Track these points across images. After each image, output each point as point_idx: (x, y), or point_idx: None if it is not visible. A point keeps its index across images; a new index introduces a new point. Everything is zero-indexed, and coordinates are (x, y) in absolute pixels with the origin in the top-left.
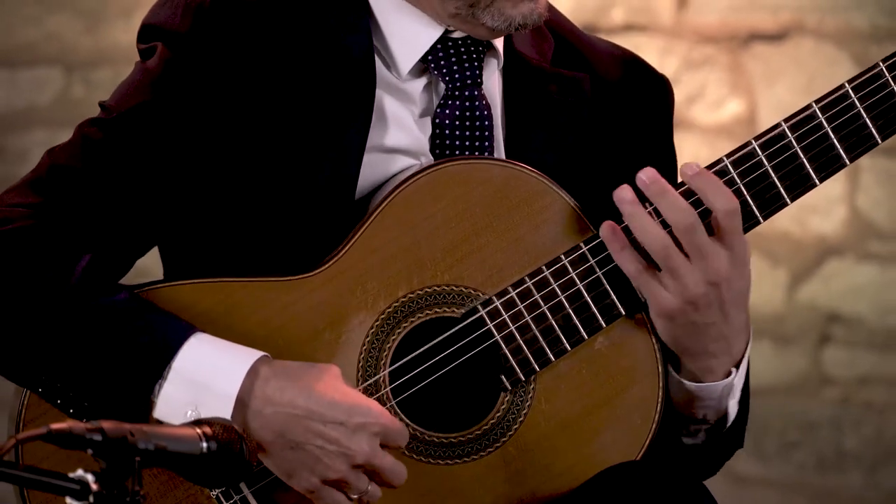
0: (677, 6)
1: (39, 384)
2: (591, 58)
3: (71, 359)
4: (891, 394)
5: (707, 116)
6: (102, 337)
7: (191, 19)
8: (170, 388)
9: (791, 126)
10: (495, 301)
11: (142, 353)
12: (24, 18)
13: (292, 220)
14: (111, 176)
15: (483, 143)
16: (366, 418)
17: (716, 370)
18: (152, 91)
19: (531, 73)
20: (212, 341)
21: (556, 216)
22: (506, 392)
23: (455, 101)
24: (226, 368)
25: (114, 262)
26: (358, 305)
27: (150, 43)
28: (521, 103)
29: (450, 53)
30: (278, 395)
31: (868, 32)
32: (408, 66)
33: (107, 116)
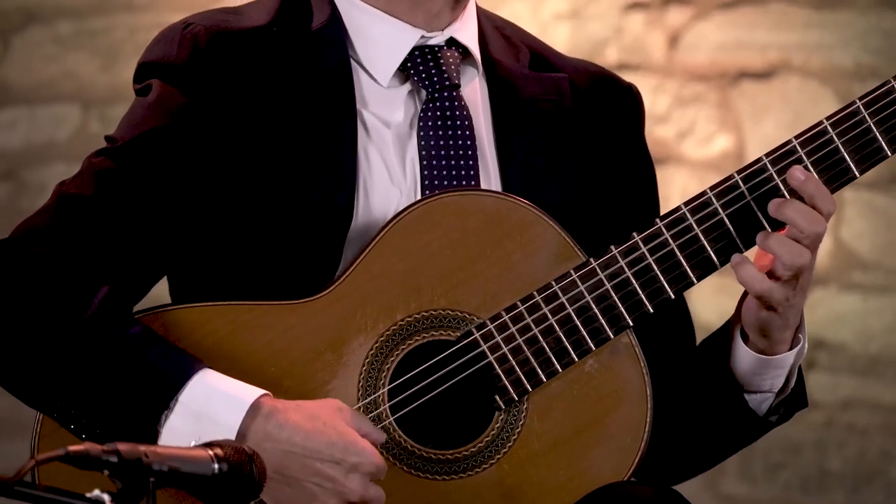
0: (669, 46)
1: (54, 409)
2: (564, 67)
3: (85, 387)
4: (872, 417)
5: (697, 151)
6: (115, 367)
7: (188, 50)
8: (175, 420)
9: (772, 160)
10: (489, 325)
11: (151, 385)
12: (43, 58)
13: (294, 237)
14: (121, 201)
15: (466, 143)
16: (360, 458)
17: (786, 340)
18: (157, 119)
19: (512, 78)
20: (218, 377)
21: (547, 245)
22: (500, 411)
23: (436, 104)
24: (229, 403)
25: (128, 288)
26: (358, 328)
27: (147, 81)
28: (507, 108)
29: (427, 59)
30: (277, 431)
31: (852, 71)
32: (388, 74)
33: (113, 146)
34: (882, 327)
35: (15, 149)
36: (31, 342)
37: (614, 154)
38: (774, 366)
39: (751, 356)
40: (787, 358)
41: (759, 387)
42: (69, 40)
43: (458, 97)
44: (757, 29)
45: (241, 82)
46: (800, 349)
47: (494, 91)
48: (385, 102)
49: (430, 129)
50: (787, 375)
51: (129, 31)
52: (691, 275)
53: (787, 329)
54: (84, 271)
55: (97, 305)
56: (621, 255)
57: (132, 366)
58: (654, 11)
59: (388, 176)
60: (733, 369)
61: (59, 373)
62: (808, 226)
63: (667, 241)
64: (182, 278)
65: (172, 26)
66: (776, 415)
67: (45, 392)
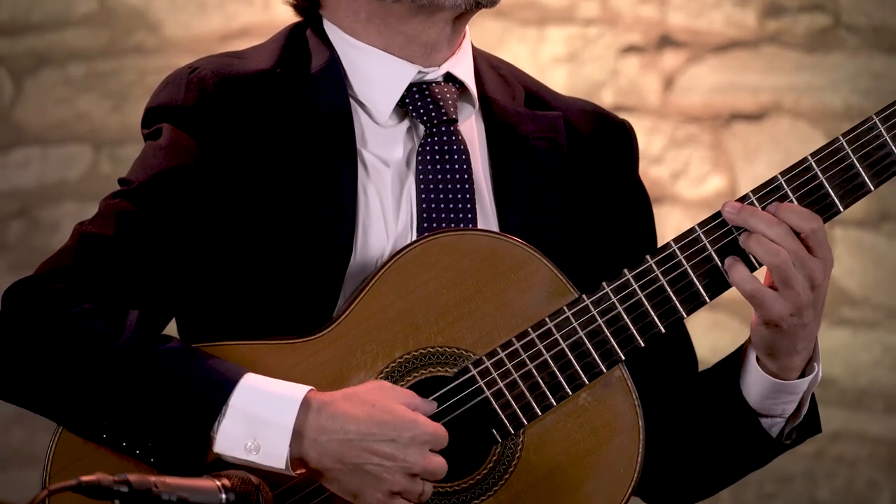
0: (663, 88)
1: (103, 430)
2: (558, 105)
3: (133, 405)
4: (861, 448)
5: (690, 191)
6: (162, 383)
7: (195, 93)
8: (228, 424)
9: (758, 197)
10: (485, 361)
11: (200, 393)
12: (55, 100)
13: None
14: (139, 239)
15: (462, 179)
16: (414, 431)
17: (797, 367)
18: (168, 160)
19: (508, 116)
20: (263, 380)
21: (541, 282)
22: (497, 444)
23: (434, 139)
24: (280, 403)
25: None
26: (358, 365)
27: (155, 125)
28: (503, 145)
29: (424, 94)
30: (330, 423)
31: (842, 112)
32: (387, 112)
33: (129, 188)
34: (870, 361)
35: (28, 187)
36: (73, 371)
37: (609, 189)
38: (787, 391)
39: (763, 379)
40: (799, 385)
41: (770, 411)
42: (80, 82)
43: (455, 132)
44: (749, 72)
45: (246, 125)
46: (813, 377)
47: (490, 128)
48: (384, 140)
49: (427, 166)
50: (800, 402)
51: (138, 73)
52: (681, 309)
53: (794, 354)
54: (111, 301)
55: (133, 328)
56: (613, 291)
57: (179, 378)
58: (649, 55)
59: (386, 214)
60: (744, 393)
61: (106, 397)
62: (768, 228)
63: (657, 277)
64: (190, 314)
65: (178, 71)
66: (789, 439)
67: (91, 417)
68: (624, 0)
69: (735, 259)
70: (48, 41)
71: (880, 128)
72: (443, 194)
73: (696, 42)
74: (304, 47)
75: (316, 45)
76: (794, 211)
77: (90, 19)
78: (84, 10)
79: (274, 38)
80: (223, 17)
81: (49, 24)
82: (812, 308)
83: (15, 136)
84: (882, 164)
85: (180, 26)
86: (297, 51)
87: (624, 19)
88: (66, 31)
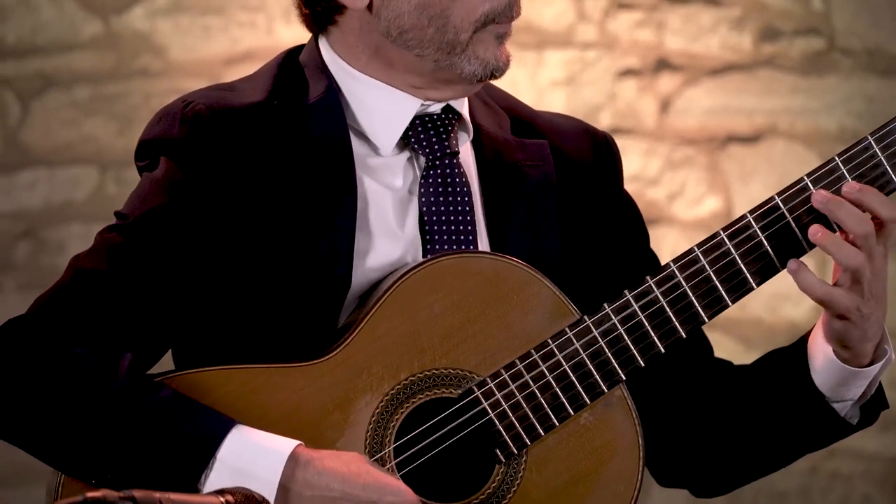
0: (660, 111)
1: (92, 475)
2: (542, 127)
3: (122, 453)
4: (855, 464)
5: (687, 212)
6: (152, 432)
7: (188, 127)
8: (215, 477)
9: (755, 217)
10: (489, 382)
11: (189, 445)
12: (62, 122)
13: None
14: (133, 275)
15: (464, 209)
16: (395, 497)
17: (869, 353)
18: (163, 195)
19: (498, 144)
20: (252, 432)
21: (543, 304)
22: (500, 464)
23: (436, 171)
24: (267, 457)
25: (144, 356)
26: (364, 388)
27: (149, 158)
28: (495, 173)
29: (427, 128)
30: (316, 479)
31: (835, 134)
32: (391, 144)
33: (124, 222)
34: None
35: (35, 208)
36: (64, 414)
37: (598, 207)
38: (861, 377)
39: (839, 368)
40: (873, 370)
41: (842, 396)
42: (86, 105)
43: (457, 164)
44: (744, 95)
45: (241, 158)
46: (886, 360)
47: (481, 156)
48: (385, 170)
49: (431, 195)
50: (867, 386)
51: (144, 96)
52: (680, 329)
53: (866, 341)
54: (104, 342)
55: (125, 373)
56: (614, 312)
57: (168, 429)
58: (645, 78)
59: (386, 242)
60: (815, 380)
61: (95, 443)
62: (856, 226)
63: (657, 297)
64: (186, 345)
65: (172, 105)
66: (855, 419)
67: (80, 461)
68: (621, 24)
69: (799, 264)
70: (54, 64)
71: (875, 148)
72: (445, 224)
73: (693, 65)
74: (299, 76)
75: (313, 74)
76: (875, 195)
77: (96, 43)
78: (90, 34)
79: (266, 67)
80: (227, 41)
81: (55, 47)
82: (878, 300)
83: (22, 158)
84: (877, 183)
85: (185, 50)
86: (291, 80)
87: (621, 43)
88: (72, 54)
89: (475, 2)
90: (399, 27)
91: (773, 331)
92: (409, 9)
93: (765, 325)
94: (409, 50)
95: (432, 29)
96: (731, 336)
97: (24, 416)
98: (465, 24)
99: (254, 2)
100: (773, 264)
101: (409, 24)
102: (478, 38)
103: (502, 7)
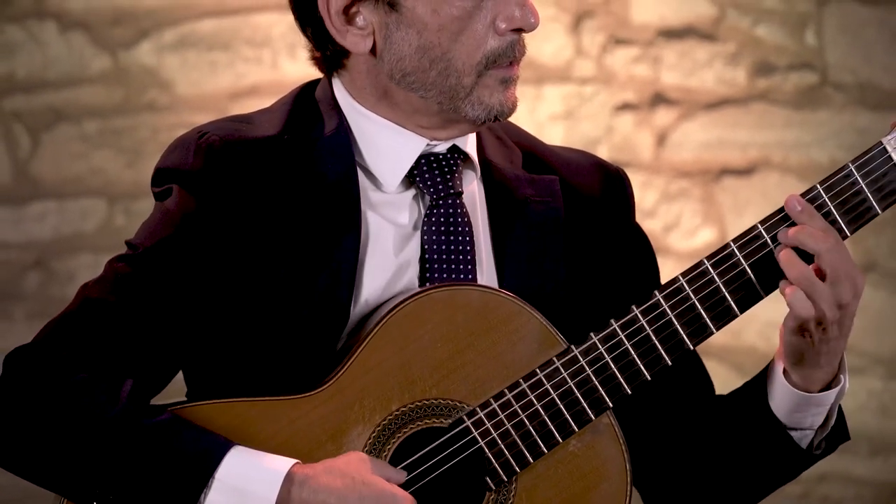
0: (656, 144)
1: (94, 498)
2: (554, 162)
3: (124, 476)
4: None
5: (682, 243)
6: (152, 455)
7: (202, 158)
8: (214, 496)
9: (739, 245)
10: (479, 412)
11: (188, 466)
12: (72, 155)
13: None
14: (142, 306)
15: (466, 248)
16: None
17: (820, 380)
18: (173, 226)
19: (507, 180)
20: (250, 452)
21: (531, 334)
22: (490, 491)
23: (440, 210)
24: (264, 477)
25: (148, 384)
26: (356, 419)
27: (165, 185)
28: (503, 208)
29: (432, 167)
30: (312, 497)
31: (828, 167)
32: (395, 181)
33: (134, 252)
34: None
35: (45, 239)
36: (66, 440)
37: (608, 240)
38: (814, 403)
39: (790, 392)
40: (826, 397)
41: (799, 424)
42: (95, 138)
43: (460, 204)
44: (738, 128)
45: (251, 190)
46: (840, 388)
47: (490, 192)
48: (390, 206)
49: (433, 233)
50: (828, 414)
51: (151, 130)
52: (666, 357)
53: (818, 368)
54: (108, 369)
55: (125, 399)
56: (601, 341)
57: (168, 451)
58: (642, 112)
59: (386, 277)
60: (773, 408)
61: (97, 466)
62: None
63: (643, 326)
64: (195, 372)
65: (188, 134)
66: (819, 450)
67: (82, 485)
68: (618, 60)
69: (787, 249)
70: (64, 98)
71: (856, 175)
72: (446, 261)
73: (688, 100)
74: (313, 111)
75: (327, 110)
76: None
77: (105, 77)
78: (99, 69)
79: (281, 101)
80: (233, 76)
81: (65, 82)
82: (838, 326)
83: (32, 190)
84: (859, 210)
85: (191, 85)
86: (305, 115)
87: (618, 78)
88: (81, 88)
89: (476, 42)
90: (402, 70)
91: (766, 359)
92: (411, 52)
93: (759, 354)
94: (414, 92)
95: (434, 72)
96: (725, 364)
97: (27, 442)
98: (466, 68)
99: (259, 38)
100: (756, 291)
101: (411, 67)
102: (482, 82)
103: (504, 47)
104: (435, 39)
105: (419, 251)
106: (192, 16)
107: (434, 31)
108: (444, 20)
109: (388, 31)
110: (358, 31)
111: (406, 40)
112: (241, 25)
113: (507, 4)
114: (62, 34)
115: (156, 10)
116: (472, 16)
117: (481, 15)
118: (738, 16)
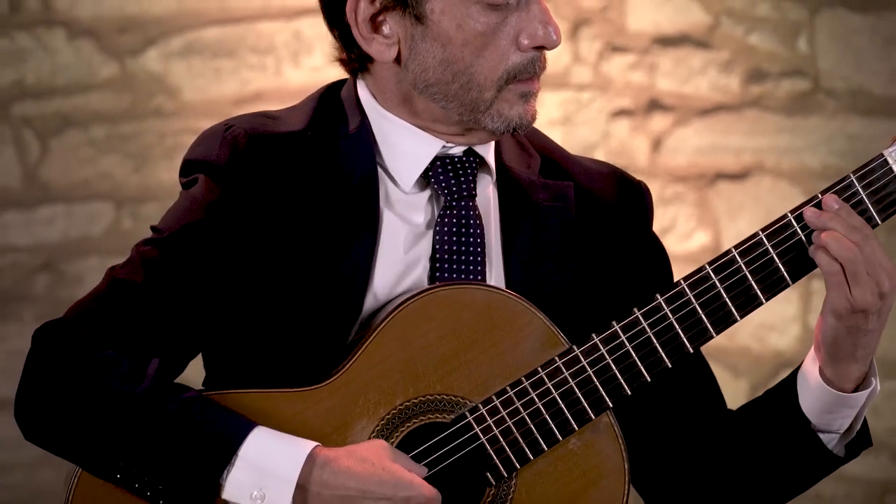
0: (652, 149)
1: (118, 471)
2: (573, 170)
3: (149, 450)
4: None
5: (677, 246)
6: (177, 429)
7: (228, 151)
8: (237, 474)
9: (740, 252)
10: (481, 408)
11: (212, 443)
12: (79, 160)
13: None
14: (167, 287)
15: (476, 250)
16: (410, 492)
17: (852, 377)
18: (198, 213)
19: (521, 184)
20: (272, 433)
21: (534, 333)
22: (490, 486)
23: (452, 212)
24: (286, 457)
25: (170, 363)
26: (361, 413)
27: (191, 176)
28: (515, 211)
29: (447, 169)
30: (332, 478)
31: (819, 172)
32: (411, 181)
33: (160, 236)
34: None
35: (53, 243)
36: (93, 414)
37: (621, 246)
38: (846, 405)
39: (823, 390)
40: (858, 398)
41: (828, 426)
42: (103, 143)
43: (473, 206)
44: (732, 134)
45: (274, 184)
46: (871, 391)
47: (504, 195)
48: (406, 205)
49: (445, 234)
50: (854, 419)
51: (158, 135)
52: (666, 360)
53: (853, 361)
54: (134, 347)
55: (153, 376)
56: (602, 342)
57: (193, 429)
58: (638, 118)
59: (398, 275)
60: (804, 409)
61: (122, 441)
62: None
63: (644, 329)
64: (214, 356)
65: (216, 127)
66: (842, 455)
67: (107, 458)
68: (615, 67)
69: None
70: (73, 104)
71: (857, 186)
72: (457, 262)
73: (683, 106)
74: (338, 110)
75: (351, 109)
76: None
77: (112, 84)
78: (106, 75)
79: (308, 98)
80: (238, 82)
81: (73, 88)
82: (877, 316)
83: (41, 194)
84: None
85: (197, 91)
86: (329, 113)
87: (615, 85)
88: (89, 94)
89: (498, 58)
90: (425, 81)
91: (759, 359)
92: (434, 64)
93: (752, 354)
94: (436, 102)
95: (457, 85)
96: (719, 364)
97: (56, 415)
98: (488, 83)
99: (263, 45)
100: (756, 297)
101: (434, 78)
102: (502, 96)
103: (525, 63)
104: (458, 53)
105: (430, 250)
106: (197, 24)
107: (458, 45)
108: (469, 35)
109: (414, 42)
110: (384, 39)
111: (430, 52)
112: (246, 33)
113: (531, 21)
114: (71, 41)
115: (162, 18)
116: (496, 31)
117: (505, 31)
118: (731, 24)
